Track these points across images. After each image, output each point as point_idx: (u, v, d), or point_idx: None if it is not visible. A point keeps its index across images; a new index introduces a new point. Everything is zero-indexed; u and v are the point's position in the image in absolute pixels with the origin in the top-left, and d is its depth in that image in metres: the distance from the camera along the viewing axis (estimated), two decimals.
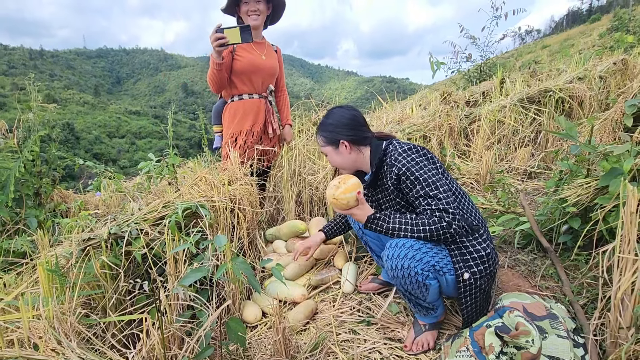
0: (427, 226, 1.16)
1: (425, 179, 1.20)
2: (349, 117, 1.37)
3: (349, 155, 1.36)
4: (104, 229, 1.54)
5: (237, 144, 2.13)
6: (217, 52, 1.86)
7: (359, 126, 1.38)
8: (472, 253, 1.19)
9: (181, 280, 1.08)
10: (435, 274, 1.20)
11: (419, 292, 1.21)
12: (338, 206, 1.23)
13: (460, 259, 1.19)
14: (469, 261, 1.19)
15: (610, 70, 3.43)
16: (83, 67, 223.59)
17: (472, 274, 1.18)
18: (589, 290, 1.35)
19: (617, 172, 1.33)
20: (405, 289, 1.23)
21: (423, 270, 1.17)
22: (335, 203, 1.22)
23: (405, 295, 1.27)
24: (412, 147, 1.28)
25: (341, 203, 1.21)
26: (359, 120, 1.38)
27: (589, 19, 41.69)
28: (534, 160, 2.91)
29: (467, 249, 1.20)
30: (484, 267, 1.19)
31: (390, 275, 1.24)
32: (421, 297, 1.23)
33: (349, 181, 1.22)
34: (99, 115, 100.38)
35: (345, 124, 1.36)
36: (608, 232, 1.35)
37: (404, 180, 1.22)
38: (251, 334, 1.45)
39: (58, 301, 1.19)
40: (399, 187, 1.26)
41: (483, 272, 1.19)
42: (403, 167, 1.22)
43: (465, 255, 1.20)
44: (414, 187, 1.21)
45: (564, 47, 19.65)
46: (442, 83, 7.17)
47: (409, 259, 1.17)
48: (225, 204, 1.69)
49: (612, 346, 1.09)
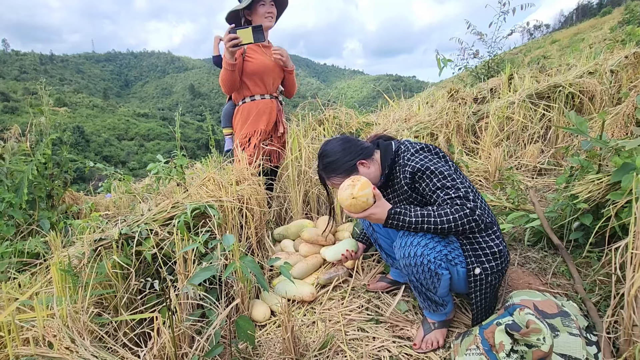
0: (451, 215, 1.12)
1: (441, 171, 1.19)
2: (343, 141, 1.36)
3: (369, 170, 1.33)
4: (114, 229, 1.57)
5: (251, 144, 2.15)
6: (231, 52, 1.87)
7: (356, 142, 1.37)
8: (485, 249, 1.19)
9: (190, 279, 1.10)
10: (447, 264, 1.19)
11: (431, 282, 1.19)
12: (358, 206, 1.15)
13: (472, 254, 1.19)
14: (481, 257, 1.18)
15: (622, 64, 3.37)
16: (92, 71, 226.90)
17: (483, 270, 1.18)
18: (602, 288, 1.33)
19: (630, 167, 1.30)
20: (417, 278, 1.21)
21: (436, 259, 1.16)
22: (354, 203, 1.14)
23: (416, 287, 1.25)
24: (424, 146, 1.28)
25: (361, 201, 1.13)
26: (351, 139, 1.38)
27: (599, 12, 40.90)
28: (543, 156, 2.87)
29: (480, 244, 1.19)
30: (495, 263, 1.19)
31: (402, 264, 1.23)
32: (432, 289, 1.22)
33: (361, 179, 1.18)
34: (108, 118, 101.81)
35: (345, 148, 1.33)
36: (621, 229, 1.33)
37: (420, 176, 1.22)
38: (260, 333, 1.46)
39: (71, 301, 1.21)
40: (413, 186, 1.25)
41: (494, 269, 1.19)
42: (416, 164, 1.22)
43: (477, 250, 1.19)
44: (430, 180, 1.20)
45: (573, 42, 19.32)
46: (449, 80, 7.10)
47: (422, 246, 1.17)
48: (233, 204, 1.70)
49: (626, 344, 1.07)
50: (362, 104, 4.87)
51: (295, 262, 1.78)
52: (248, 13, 2.08)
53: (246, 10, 2.07)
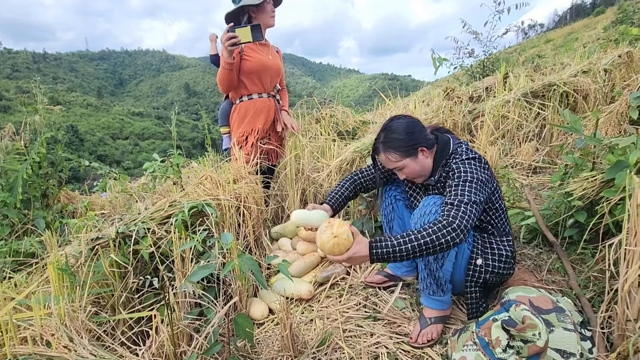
0: (434, 237, 1.07)
1: (469, 186, 1.17)
2: (413, 123, 1.33)
3: (426, 160, 1.33)
4: (111, 228, 1.56)
5: (249, 143, 2.16)
6: (229, 51, 1.87)
7: (423, 129, 1.35)
8: (494, 249, 1.29)
9: (189, 276, 1.10)
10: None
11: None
12: (341, 245, 1.11)
13: (481, 247, 1.29)
14: (488, 253, 1.28)
15: (615, 63, 3.40)
16: (86, 70, 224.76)
17: (485, 264, 1.27)
18: (596, 284, 1.35)
19: (623, 165, 1.32)
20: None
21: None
22: (337, 242, 1.10)
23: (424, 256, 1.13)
24: (476, 157, 1.27)
25: (343, 238, 1.10)
26: (419, 123, 1.35)
27: (593, 12, 41.25)
28: (538, 154, 2.89)
29: (491, 244, 1.30)
30: (498, 265, 1.27)
31: (417, 219, 1.26)
32: (440, 260, 1.24)
33: (334, 220, 1.14)
34: (103, 117, 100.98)
35: (413, 131, 1.31)
36: (614, 225, 1.35)
37: (451, 176, 1.24)
38: (258, 331, 1.47)
39: (69, 299, 1.21)
40: (446, 183, 1.27)
41: (496, 269, 1.27)
42: (457, 169, 1.23)
43: (486, 247, 1.29)
44: (457, 184, 1.19)
45: (567, 41, 19.46)
46: (445, 79, 7.13)
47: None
48: (230, 203, 1.70)
49: (620, 339, 1.09)
50: (358, 102, 4.89)
51: (293, 260, 1.78)
52: (254, 10, 2.07)
53: (252, 8, 2.06)
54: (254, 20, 2.07)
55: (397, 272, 1.64)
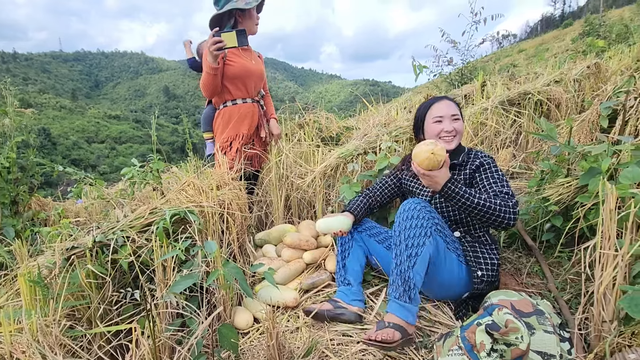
0: (497, 201, 1.26)
1: (502, 179, 1.37)
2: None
3: (462, 134, 1.51)
4: (88, 237, 1.50)
5: (233, 148, 2.13)
6: (214, 56, 1.84)
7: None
8: (487, 259, 1.36)
9: (172, 287, 1.06)
10: (436, 235, 1.28)
11: (415, 243, 1.23)
12: (432, 162, 1.24)
13: (474, 258, 1.36)
14: (482, 264, 1.35)
15: (585, 74, 3.58)
16: (59, 71, 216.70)
17: (481, 275, 1.34)
18: (572, 286, 1.40)
19: (596, 171, 1.38)
20: (405, 235, 1.25)
21: (429, 222, 1.26)
22: (431, 158, 1.23)
23: (398, 255, 1.25)
24: (494, 158, 1.46)
25: (437, 159, 1.23)
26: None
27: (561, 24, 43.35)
28: (515, 160, 2.99)
29: (484, 254, 1.37)
30: (491, 274, 1.35)
31: (398, 219, 1.29)
32: (413, 257, 1.23)
33: (439, 143, 1.29)
34: (77, 120, 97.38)
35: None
36: (589, 229, 1.40)
37: (484, 169, 1.39)
38: (243, 340, 1.44)
39: (41, 313, 1.14)
40: (474, 176, 1.41)
41: (490, 279, 1.34)
42: (486, 163, 1.41)
43: (479, 257, 1.36)
44: (491, 177, 1.38)
45: (539, 52, 20.34)
46: (425, 86, 7.30)
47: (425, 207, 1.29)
48: (214, 210, 1.67)
49: (596, 339, 1.13)
50: (340, 107, 4.92)
51: (278, 267, 1.76)
52: (241, 15, 2.05)
53: (240, 12, 2.04)
54: (239, 25, 2.05)
55: (345, 299, 1.48)
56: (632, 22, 10.83)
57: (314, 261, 1.81)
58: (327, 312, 1.44)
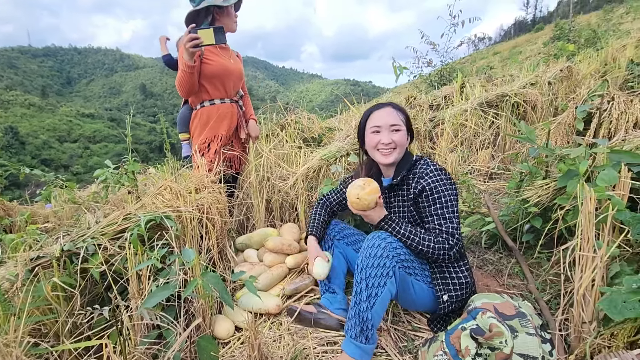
0: (432, 243, 1.23)
1: (447, 201, 1.26)
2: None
3: (403, 151, 1.39)
4: (55, 245, 1.41)
5: (211, 150, 2.05)
6: (190, 54, 1.77)
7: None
8: (454, 279, 1.29)
9: (145, 301, 1.00)
10: (401, 271, 1.23)
11: (375, 284, 1.17)
12: (359, 205, 1.25)
13: (441, 282, 1.29)
14: (449, 285, 1.28)
15: (558, 77, 3.70)
16: (28, 67, 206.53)
17: (449, 297, 1.28)
18: (552, 287, 1.43)
19: (574, 173, 1.41)
20: (366, 274, 1.18)
21: (392, 261, 1.20)
22: (357, 202, 1.24)
23: (357, 292, 1.20)
24: (443, 169, 1.33)
25: (363, 203, 1.24)
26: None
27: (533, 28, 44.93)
28: (494, 162, 3.05)
29: (450, 274, 1.29)
30: (460, 292, 1.28)
31: (361, 254, 1.23)
32: (372, 297, 1.17)
33: (372, 184, 1.26)
34: (48, 118, 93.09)
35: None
36: (567, 230, 1.43)
37: (428, 194, 1.28)
38: (224, 351, 1.38)
39: (1, 331, 1.05)
40: (417, 199, 1.31)
41: (459, 297, 1.28)
42: (432, 182, 1.28)
43: (446, 279, 1.29)
44: (433, 204, 1.27)
45: (513, 54, 21.02)
46: (404, 87, 7.38)
47: (390, 244, 1.23)
48: (192, 214, 1.60)
49: (576, 340, 1.15)
50: (321, 107, 4.90)
51: (260, 272, 1.71)
52: (218, 12, 1.98)
53: (217, 9, 1.97)
54: (217, 23, 1.99)
55: (330, 307, 1.46)
56: (600, 28, 11.33)
57: (297, 265, 1.77)
58: (310, 314, 1.43)
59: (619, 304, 0.98)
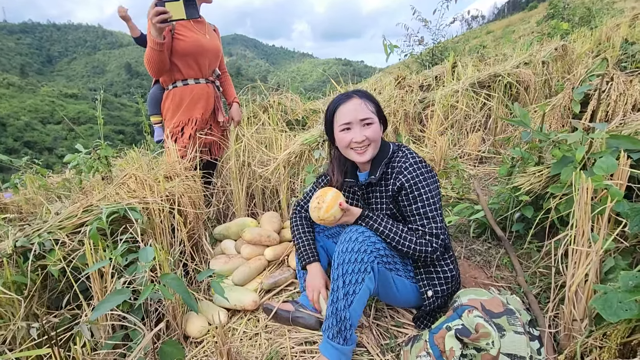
0: (414, 244, 1.16)
1: (428, 198, 1.17)
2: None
3: (378, 143, 1.26)
4: (7, 241, 1.28)
5: (185, 135, 1.91)
6: (158, 29, 1.59)
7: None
8: (439, 273, 1.22)
9: (95, 310, 0.89)
10: (380, 267, 1.16)
11: (352, 280, 1.10)
12: (327, 223, 1.19)
13: (425, 277, 1.22)
14: (434, 280, 1.21)
15: (552, 56, 3.58)
16: (4, 44, 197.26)
17: (434, 292, 1.21)
18: (542, 280, 1.36)
19: (568, 160, 1.32)
20: (343, 270, 1.10)
21: (370, 256, 1.12)
22: (323, 222, 1.19)
23: (335, 290, 1.12)
24: (422, 160, 1.22)
25: (329, 220, 1.17)
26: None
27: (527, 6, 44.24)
28: (484, 145, 2.96)
29: (435, 268, 1.22)
30: (446, 287, 1.22)
31: (337, 248, 1.16)
32: (350, 297, 1.10)
33: (327, 198, 1.17)
34: (29, 98, 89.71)
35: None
36: (559, 221, 1.35)
37: (408, 192, 1.17)
38: (196, 351, 1.30)
39: None
40: (396, 197, 1.21)
41: (445, 292, 1.22)
42: (412, 179, 1.17)
43: (431, 274, 1.22)
44: (414, 202, 1.17)
45: (506, 33, 20.68)
46: (396, 66, 7.18)
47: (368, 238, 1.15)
48: (161, 205, 1.48)
49: (566, 338, 1.09)
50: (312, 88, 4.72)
51: (237, 265, 1.62)
52: None
53: None
54: None
55: (308, 305, 1.37)
56: (594, 5, 11.14)
57: (276, 258, 1.68)
58: (287, 312, 1.34)
59: (614, 304, 0.90)
